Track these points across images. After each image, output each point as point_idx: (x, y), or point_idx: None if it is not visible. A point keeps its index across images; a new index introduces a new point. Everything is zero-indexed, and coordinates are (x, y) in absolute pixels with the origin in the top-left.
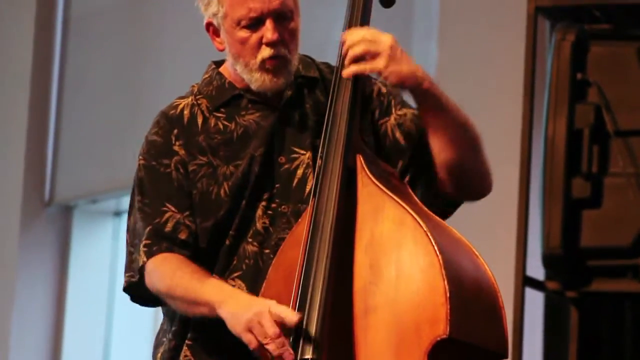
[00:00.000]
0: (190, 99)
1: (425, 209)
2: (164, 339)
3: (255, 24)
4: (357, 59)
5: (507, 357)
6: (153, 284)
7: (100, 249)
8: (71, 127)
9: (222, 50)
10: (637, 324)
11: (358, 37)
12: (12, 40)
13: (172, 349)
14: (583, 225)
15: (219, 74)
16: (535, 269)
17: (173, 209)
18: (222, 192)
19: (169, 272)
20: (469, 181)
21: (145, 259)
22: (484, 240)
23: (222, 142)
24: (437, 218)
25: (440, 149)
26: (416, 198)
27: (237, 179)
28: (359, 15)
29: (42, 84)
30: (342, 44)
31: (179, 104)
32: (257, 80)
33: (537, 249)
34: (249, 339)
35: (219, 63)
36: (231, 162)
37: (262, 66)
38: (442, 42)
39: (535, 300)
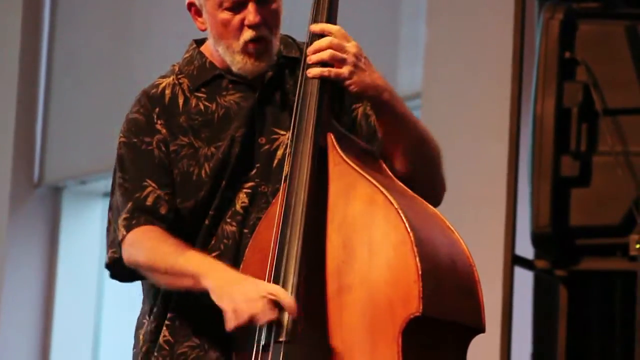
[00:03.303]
0: (171, 79)
1: (400, 184)
2: (144, 321)
3: (237, 6)
4: (324, 64)
5: (483, 332)
6: (132, 257)
7: (90, 229)
8: (60, 108)
9: (204, 30)
10: (626, 302)
11: (326, 42)
12: (0, 21)
13: (153, 330)
14: (572, 204)
15: (200, 53)
16: (525, 248)
17: (153, 184)
18: (202, 173)
19: (150, 244)
20: (419, 192)
21: (124, 233)
22: (473, 220)
23: (203, 123)
24: (412, 193)
25: (394, 159)
26: (390, 173)
27: (218, 160)
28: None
29: (30, 66)
30: (310, 33)
31: (161, 83)
32: (238, 62)
33: (526, 228)
34: (229, 318)
35: (200, 42)
36: (212, 144)
37: (245, 49)
38: (430, 21)
39: (524, 279)
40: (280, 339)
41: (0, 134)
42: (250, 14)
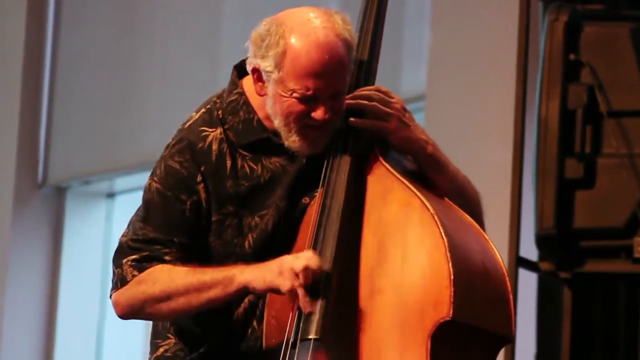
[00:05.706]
0: (219, 131)
1: (437, 192)
2: (169, 335)
3: (307, 100)
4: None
5: (511, 342)
6: (142, 294)
7: (93, 230)
8: (64, 108)
9: (261, 96)
10: (630, 304)
11: (372, 93)
12: (4, 21)
13: (178, 350)
14: (576, 206)
15: (247, 104)
16: (529, 250)
17: (176, 247)
18: (246, 244)
19: (162, 273)
20: None
21: (136, 273)
22: None
23: (249, 189)
24: (449, 201)
25: None
26: (430, 182)
27: (262, 231)
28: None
29: (34, 66)
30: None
31: (208, 136)
32: (294, 142)
33: (530, 230)
34: (280, 283)
35: (241, 73)
36: (256, 212)
37: (303, 132)
38: (434, 23)
39: (528, 281)
40: (309, 337)
41: (4, 134)
42: (320, 110)
